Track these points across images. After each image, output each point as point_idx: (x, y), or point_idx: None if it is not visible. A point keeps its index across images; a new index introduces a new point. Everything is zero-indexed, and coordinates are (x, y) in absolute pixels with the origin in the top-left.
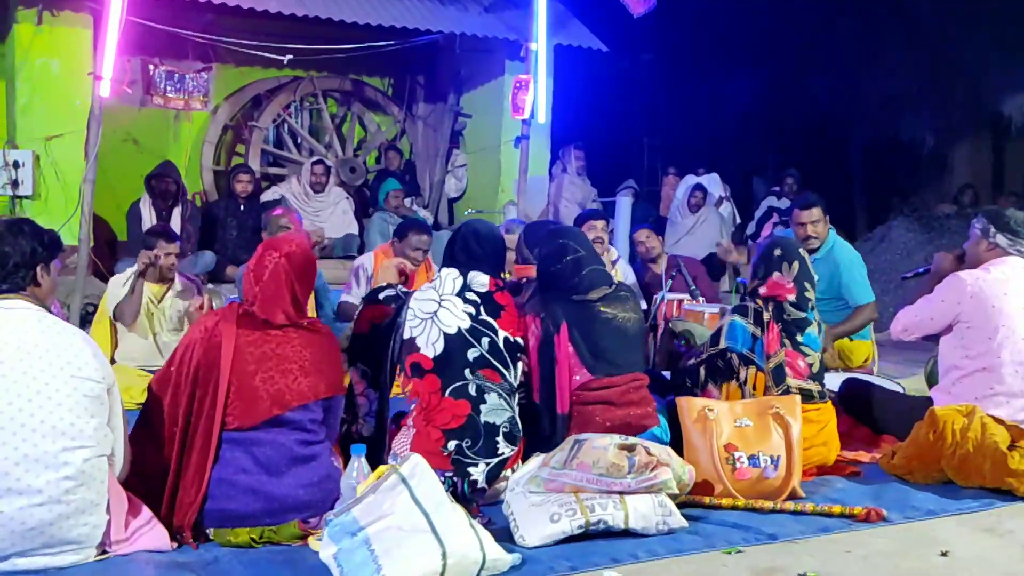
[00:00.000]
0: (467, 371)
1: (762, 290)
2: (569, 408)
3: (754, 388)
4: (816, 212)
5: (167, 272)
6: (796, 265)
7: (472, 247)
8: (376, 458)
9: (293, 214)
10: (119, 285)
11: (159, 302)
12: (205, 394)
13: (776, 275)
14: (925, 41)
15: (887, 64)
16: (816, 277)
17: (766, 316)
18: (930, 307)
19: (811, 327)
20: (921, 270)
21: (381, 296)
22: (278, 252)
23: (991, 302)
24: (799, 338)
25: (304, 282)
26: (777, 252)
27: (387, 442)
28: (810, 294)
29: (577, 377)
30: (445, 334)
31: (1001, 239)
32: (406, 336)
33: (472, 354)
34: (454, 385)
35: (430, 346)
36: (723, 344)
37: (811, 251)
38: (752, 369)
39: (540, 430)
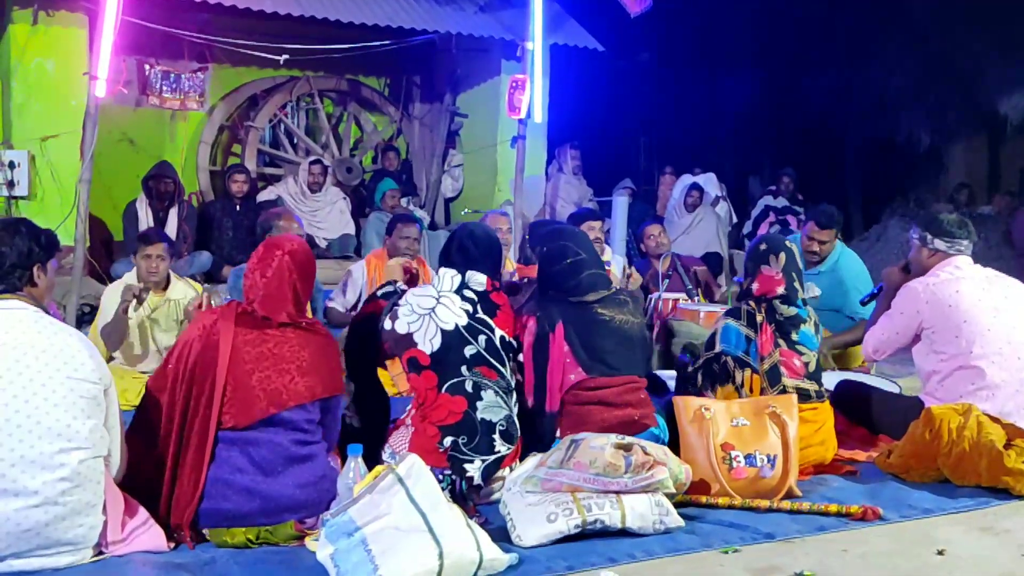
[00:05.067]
0: (464, 368)
1: (754, 286)
2: (559, 407)
3: (750, 391)
4: (830, 234)
5: (159, 278)
6: (783, 256)
7: (468, 248)
8: (372, 456)
9: (293, 217)
10: (114, 293)
11: (153, 311)
12: (201, 392)
13: (764, 268)
14: (921, 40)
15: (883, 63)
16: (803, 265)
17: (759, 318)
18: (892, 323)
19: (806, 324)
20: (876, 290)
21: (380, 293)
22: (282, 250)
23: (947, 303)
24: (794, 336)
25: (306, 280)
26: (763, 247)
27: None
28: (798, 285)
29: (572, 376)
30: (443, 330)
31: (940, 243)
32: (403, 331)
33: (469, 351)
34: (451, 381)
35: (427, 342)
36: (718, 348)
37: (812, 264)
38: (748, 371)
39: (535, 430)
